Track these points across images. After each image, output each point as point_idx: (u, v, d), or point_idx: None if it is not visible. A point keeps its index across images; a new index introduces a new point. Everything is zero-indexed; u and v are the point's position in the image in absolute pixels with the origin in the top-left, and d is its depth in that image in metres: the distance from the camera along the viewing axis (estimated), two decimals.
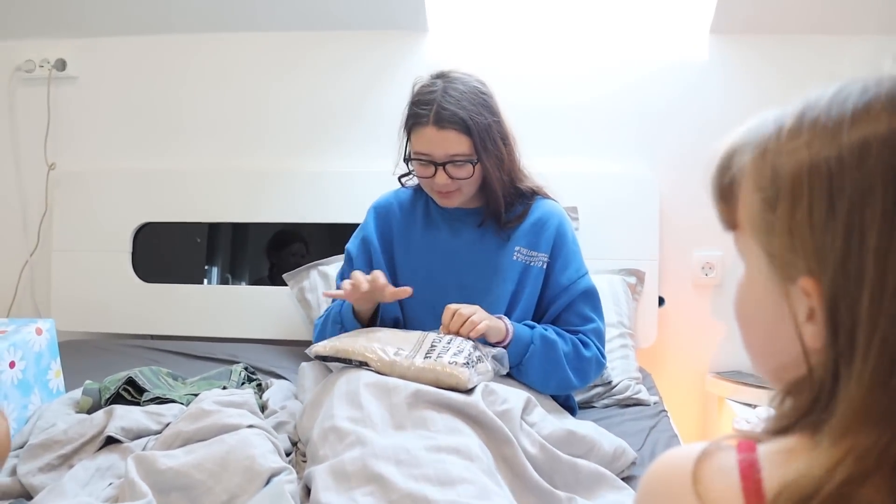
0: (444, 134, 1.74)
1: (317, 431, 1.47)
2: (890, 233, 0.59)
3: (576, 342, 1.79)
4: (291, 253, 2.84)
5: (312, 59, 2.75)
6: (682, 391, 2.59)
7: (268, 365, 2.29)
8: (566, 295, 1.84)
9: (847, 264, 0.60)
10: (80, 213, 2.79)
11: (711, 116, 2.55)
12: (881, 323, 0.59)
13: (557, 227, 1.89)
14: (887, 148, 0.59)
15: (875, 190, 0.59)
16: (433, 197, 1.87)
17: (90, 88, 2.86)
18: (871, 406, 0.58)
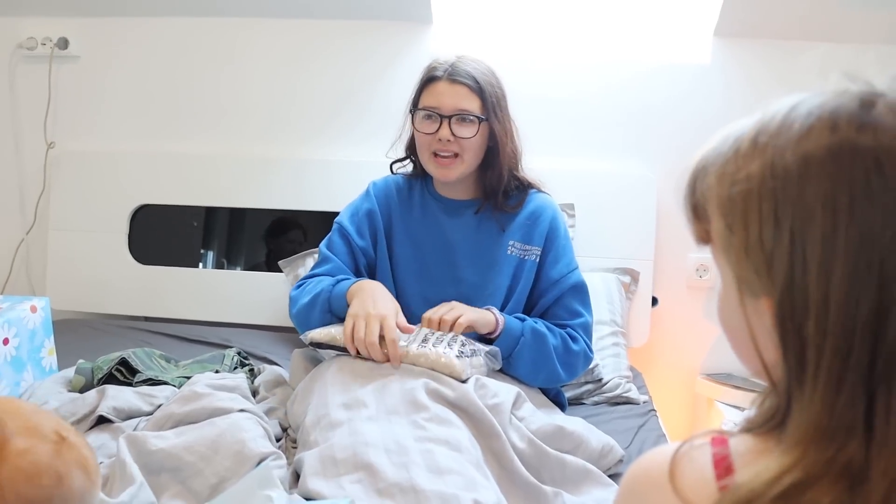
0: (456, 88, 1.76)
1: (308, 417, 1.48)
2: (831, 258, 0.60)
3: (564, 336, 1.79)
4: (289, 240, 2.84)
5: (316, 48, 2.76)
6: (671, 391, 2.61)
7: (260, 350, 2.30)
8: (556, 289, 1.84)
9: (792, 287, 0.62)
10: (77, 192, 2.80)
11: (711, 119, 2.56)
12: (826, 347, 0.60)
13: (551, 220, 1.88)
14: (824, 170, 0.61)
15: (815, 213, 0.60)
16: (430, 167, 1.84)
17: (92, 68, 2.86)
18: (819, 423, 0.61)
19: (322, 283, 1.80)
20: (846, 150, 0.60)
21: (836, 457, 0.59)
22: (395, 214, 1.92)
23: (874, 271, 0.59)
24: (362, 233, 1.90)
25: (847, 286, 0.59)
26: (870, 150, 0.60)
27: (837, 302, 0.60)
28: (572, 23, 2.66)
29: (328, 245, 1.92)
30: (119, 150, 2.82)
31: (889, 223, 0.59)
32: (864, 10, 2.41)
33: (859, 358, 0.60)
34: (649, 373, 2.47)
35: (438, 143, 1.78)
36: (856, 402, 0.60)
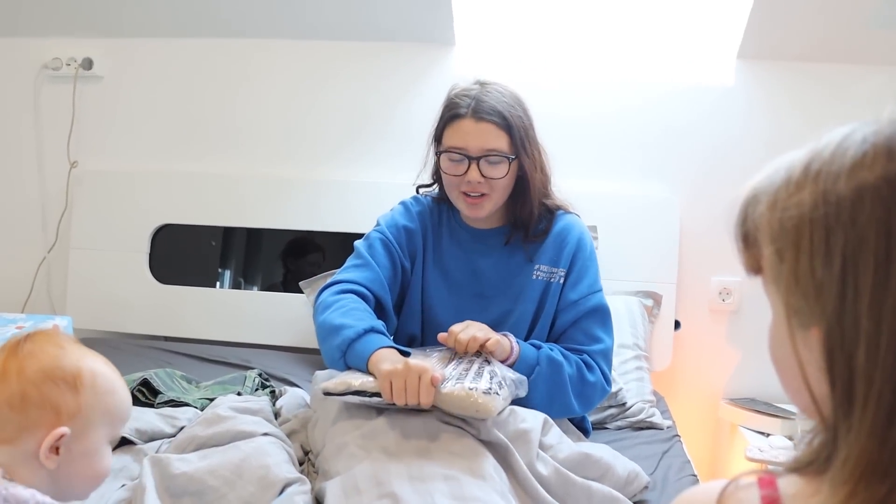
0: (482, 126, 1.68)
1: (328, 447, 1.47)
2: (884, 286, 0.58)
3: (580, 365, 1.71)
4: (309, 262, 2.84)
5: (339, 69, 2.77)
6: (695, 416, 2.58)
7: (281, 372, 2.29)
8: (573, 310, 1.76)
9: (843, 317, 0.60)
10: (99, 211, 2.81)
11: (734, 141, 2.55)
12: (877, 377, 0.59)
13: (577, 241, 1.83)
14: (879, 198, 0.59)
15: (868, 242, 0.59)
16: (459, 204, 1.79)
17: (115, 88, 2.89)
18: (868, 459, 0.59)
19: (354, 315, 1.65)
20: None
21: (889, 496, 0.57)
22: (429, 239, 1.87)
23: None
24: (403, 248, 1.84)
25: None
26: None
27: (890, 331, 0.58)
28: (595, 44, 2.66)
29: (369, 250, 1.83)
30: (140, 170, 2.84)
31: None
32: (888, 32, 2.39)
33: None
34: (672, 397, 2.44)
35: (468, 185, 1.72)
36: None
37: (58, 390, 1.05)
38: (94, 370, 1.09)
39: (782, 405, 2.34)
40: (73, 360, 1.08)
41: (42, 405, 1.04)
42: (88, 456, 1.08)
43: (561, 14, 2.65)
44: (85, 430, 1.07)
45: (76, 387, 1.06)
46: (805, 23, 2.42)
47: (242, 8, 2.69)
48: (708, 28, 2.59)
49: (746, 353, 2.58)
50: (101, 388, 1.09)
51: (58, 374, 1.06)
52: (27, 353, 1.06)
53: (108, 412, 1.10)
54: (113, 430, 1.12)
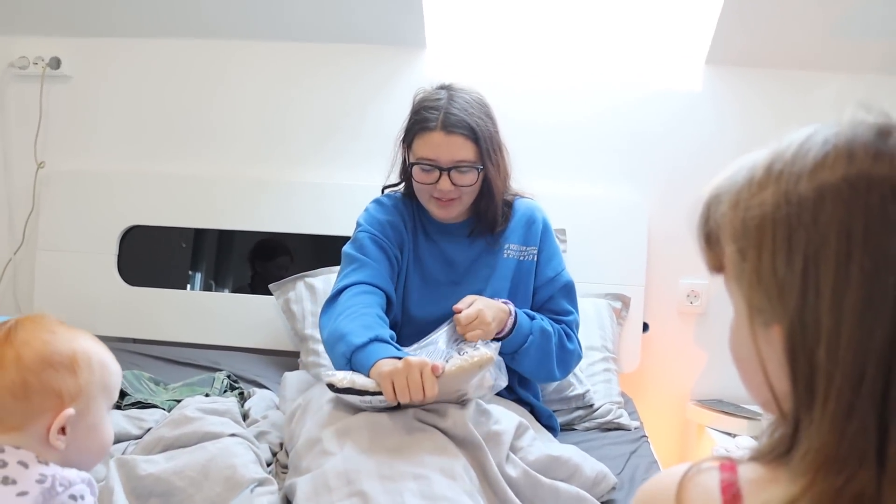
0: (452, 139, 1.74)
1: (301, 442, 1.47)
2: (844, 284, 0.60)
3: (561, 334, 1.83)
4: (277, 265, 2.83)
5: (310, 71, 2.76)
6: (662, 417, 2.60)
7: (250, 374, 2.29)
8: (550, 286, 1.89)
9: (804, 315, 0.62)
10: (67, 213, 2.78)
11: (702, 146, 2.58)
12: (837, 374, 0.60)
13: (543, 221, 1.94)
14: (840, 199, 0.61)
15: (829, 241, 0.61)
16: (430, 208, 1.86)
17: (84, 88, 2.86)
18: (827, 452, 0.61)
19: (362, 322, 1.65)
20: (862, 178, 0.61)
21: (845, 487, 0.59)
22: (406, 230, 1.92)
23: (889, 300, 0.59)
24: (392, 241, 1.88)
25: (860, 313, 0.60)
26: (886, 179, 0.60)
27: (850, 328, 0.60)
28: (565, 48, 2.68)
29: (359, 249, 1.85)
30: (109, 171, 2.81)
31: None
32: (856, 40, 2.44)
33: (872, 387, 0.59)
34: (640, 398, 2.46)
35: (439, 192, 1.79)
36: (867, 432, 0.60)
37: (57, 375, 1.10)
38: (87, 350, 1.15)
39: (749, 406, 2.36)
40: (66, 343, 1.13)
41: (44, 391, 1.09)
42: (94, 430, 1.14)
43: (532, 19, 2.67)
44: (87, 407, 1.13)
45: (74, 369, 1.11)
46: (771, 30, 2.46)
47: (214, 9, 2.68)
48: (677, 34, 2.62)
49: (714, 354, 2.61)
50: (96, 365, 1.15)
51: (55, 360, 1.10)
52: (21, 341, 1.10)
53: (106, 386, 1.17)
54: (110, 400, 1.19)
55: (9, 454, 1.04)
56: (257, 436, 1.70)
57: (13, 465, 1.04)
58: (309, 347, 2.31)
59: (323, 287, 2.41)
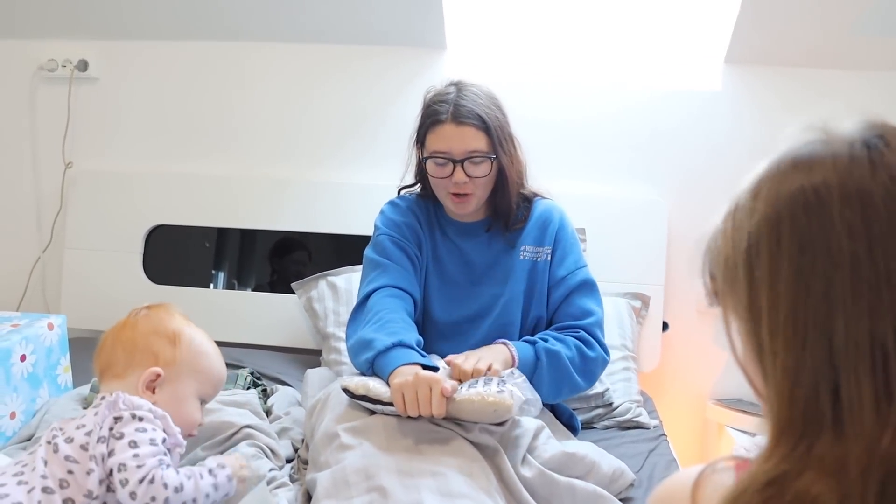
0: (463, 130, 1.75)
1: (319, 436, 1.49)
2: (777, 267, 0.67)
3: (579, 345, 1.77)
4: (293, 260, 2.85)
5: (330, 72, 2.78)
6: (682, 416, 2.60)
7: (273, 371, 2.30)
8: (563, 286, 1.85)
9: (750, 301, 0.69)
10: (94, 212, 2.82)
11: (722, 144, 2.58)
12: (779, 348, 0.67)
13: (560, 220, 1.92)
14: (771, 204, 0.69)
15: (762, 235, 0.68)
16: (447, 203, 1.86)
17: (111, 90, 2.90)
18: (780, 417, 0.66)
19: (387, 330, 1.65)
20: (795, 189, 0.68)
21: (810, 451, 0.63)
22: (425, 231, 1.93)
23: (818, 275, 0.65)
24: (409, 241, 1.89)
25: (793, 290, 0.66)
26: (805, 187, 0.67)
27: (785, 310, 0.66)
28: (584, 48, 2.69)
29: (383, 253, 1.86)
30: (135, 171, 2.85)
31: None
32: (876, 38, 2.42)
33: (813, 352, 0.64)
34: (660, 397, 2.46)
35: (455, 186, 1.79)
36: (819, 397, 0.63)
37: (160, 341, 1.37)
38: (192, 335, 1.42)
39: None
40: (177, 324, 1.42)
41: (146, 350, 1.36)
42: (178, 401, 1.35)
43: (551, 18, 2.68)
44: (176, 378, 1.36)
45: (175, 342, 1.38)
46: (791, 29, 2.45)
47: (237, 11, 2.71)
48: (696, 33, 2.62)
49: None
50: (195, 348, 1.40)
51: (161, 330, 1.39)
52: (144, 315, 1.42)
53: (199, 369, 1.39)
54: (202, 388, 1.40)
55: (107, 398, 1.28)
56: (279, 432, 1.72)
57: (105, 403, 1.27)
58: (331, 345, 2.33)
59: (345, 286, 2.42)
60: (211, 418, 1.53)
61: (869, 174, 0.65)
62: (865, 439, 0.61)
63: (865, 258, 0.63)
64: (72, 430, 1.24)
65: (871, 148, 0.66)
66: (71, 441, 1.22)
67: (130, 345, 1.36)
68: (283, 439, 1.68)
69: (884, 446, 0.60)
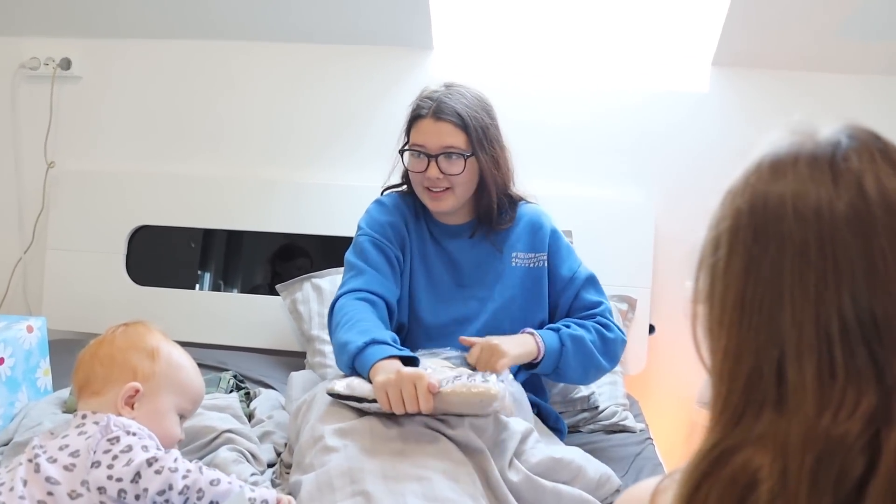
0: (440, 126, 1.75)
1: (304, 437, 1.47)
2: (731, 253, 0.70)
3: (598, 328, 1.82)
4: (297, 266, 2.83)
5: (318, 72, 2.76)
6: (668, 420, 2.59)
7: (257, 374, 2.28)
8: (571, 286, 1.88)
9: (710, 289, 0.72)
10: (76, 212, 2.79)
11: (709, 147, 2.57)
12: (723, 330, 0.70)
13: (550, 226, 1.93)
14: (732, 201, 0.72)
15: (723, 227, 0.71)
16: (424, 199, 1.85)
17: (94, 89, 2.87)
18: (719, 393, 0.70)
19: (360, 328, 1.65)
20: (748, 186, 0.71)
21: (752, 426, 0.66)
22: (410, 230, 1.92)
23: (765, 263, 0.67)
24: (393, 242, 1.87)
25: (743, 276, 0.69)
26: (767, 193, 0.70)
27: (722, 296, 0.70)
28: (572, 50, 2.68)
29: (359, 254, 1.84)
30: (118, 171, 2.82)
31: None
32: (863, 42, 2.42)
33: (758, 333, 0.67)
34: (646, 401, 2.45)
35: (429, 181, 1.79)
36: (762, 375, 0.66)
37: (138, 356, 1.37)
38: (170, 350, 1.43)
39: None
40: (155, 339, 1.42)
41: (123, 365, 1.36)
42: (158, 415, 1.35)
43: (538, 20, 2.67)
44: (156, 393, 1.36)
45: (153, 357, 1.38)
46: (778, 31, 2.45)
47: (224, 10, 2.68)
48: (683, 34, 2.61)
49: None
50: (173, 363, 1.41)
51: (140, 346, 1.39)
52: (123, 330, 1.43)
53: (177, 384, 1.40)
54: (181, 403, 1.40)
55: (88, 417, 1.29)
56: (262, 436, 1.70)
57: (89, 423, 1.27)
58: (315, 348, 2.31)
59: (329, 288, 2.40)
60: (191, 423, 1.51)
61: (830, 180, 0.67)
62: (807, 417, 0.63)
63: (815, 246, 0.65)
64: (54, 449, 1.22)
65: (840, 153, 0.68)
66: (54, 461, 1.20)
67: (108, 360, 1.36)
68: (265, 443, 1.66)
69: (823, 424, 0.62)
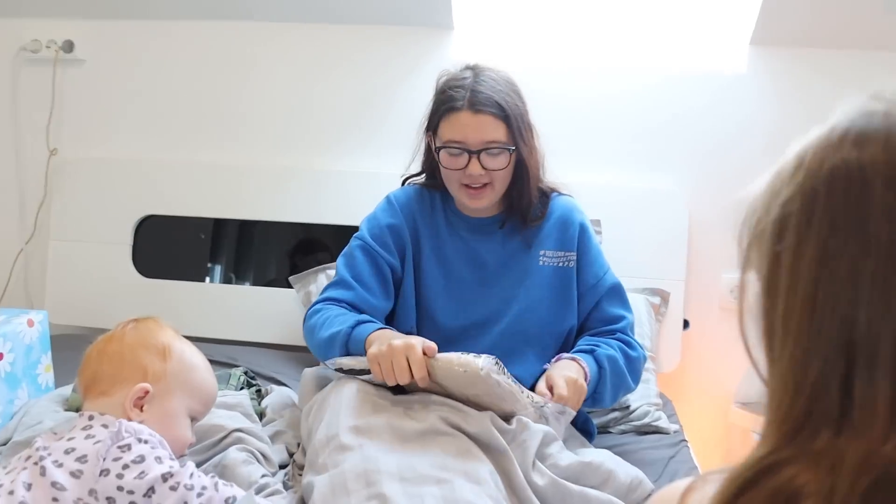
0: (480, 119, 1.71)
1: (318, 436, 1.46)
2: (803, 246, 0.64)
3: (622, 347, 1.80)
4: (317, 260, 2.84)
5: (334, 54, 2.75)
6: (704, 421, 2.57)
7: (268, 370, 2.29)
8: (593, 293, 1.86)
9: (770, 278, 0.67)
10: (80, 202, 2.80)
11: (746, 131, 2.55)
12: (791, 328, 0.65)
13: (580, 224, 1.89)
14: (797, 177, 0.66)
15: (793, 212, 0.65)
16: (459, 196, 1.82)
17: (98, 72, 2.87)
18: (783, 410, 0.64)
19: (341, 319, 1.72)
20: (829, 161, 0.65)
21: (808, 444, 0.61)
22: (421, 230, 1.89)
23: (844, 260, 0.62)
24: (389, 248, 1.86)
25: (816, 272, 0.63)
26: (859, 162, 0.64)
27: (805, 285, 0.63)
28: (598, 27, 2.65)
29: (349, 264, 1.86)
30: (124, 158, 2.83)
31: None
32: None
33: (828, 342, 0.62)
34: (680, 400, 2.43)
35: (469, 178, 1.76)
36: (828, 390, 0.62)
37: (149, 355, 1.36)
38: (183, 349, 1.41)
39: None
40: (167, 337, 1.41)
41: (133, 364, 1.35)
42: (168, 418, 1.34)
43: None
44: (167, 394, 1.35)
45: (164, 356, 1.37)
46: (821, 8, 2.41)
47: None
48: (719, 12, 2.58)
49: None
50: (186, 363, 1.40)
51: (151, 343, 1.38)
52: (133, 327, 1.42)
53: (189, 385, 1.39)
54: (193, 405, 1.40)
55: (96, 419, 1.27)
56: (273, 435, 1.70)
57: (97, 426, 1.26)
58: None
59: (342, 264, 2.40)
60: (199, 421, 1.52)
61: None
62: (870, 440, 0.59)
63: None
64: (59, 452, 1.21)
65: None
66: (60, 466, 1.19)
67: (118, 358, 1.36)
68: (276, 443, 1.66)
69: (887, 451, 0.58)
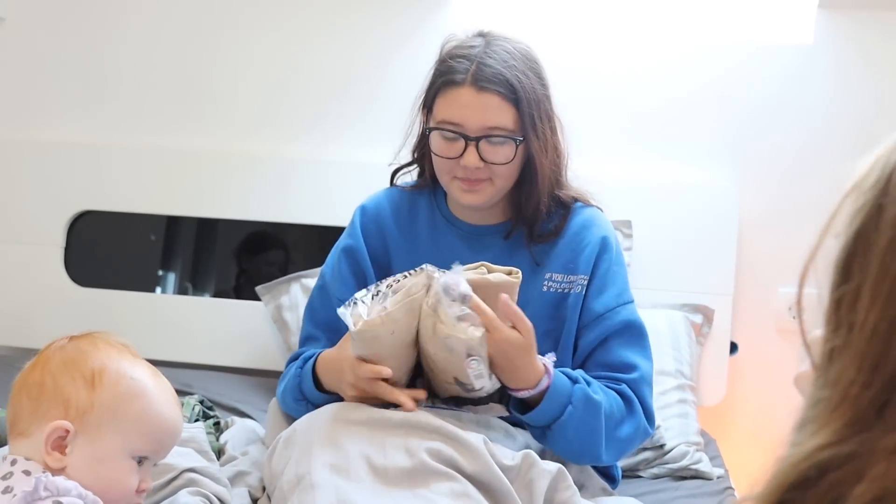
0: (484, 98, 1.67)
1: (286, 477, 1.47)
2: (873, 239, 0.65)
3: (618, 403, 1.68)
4: (267, 262, 2.84)
5: (317, 18, 2.77)
6: (754, 464, 2.54)
7: (230, 399, 2.30)
8: (599, 326, 1.75)
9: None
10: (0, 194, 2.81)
11: (814, 114, 2.55)
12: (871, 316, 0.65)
13: (601, 240, 1.81)
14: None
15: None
16: (451, 190, 1.78)
17: (21, 35, 2.88)
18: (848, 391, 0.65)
19: (291, 372, 1.84)
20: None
21: (882, 439, 0.62)
22: (392, 245, 1.87)
23: None
24: (347, 283, 1.84)
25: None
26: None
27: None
28: None
29: (310, 314, 1.95)
30: (55, 142, 2.83)
31: None
32: None
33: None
34: (725, 439, 2.43)
35: (463, 170, 1.72)
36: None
37: (73, 384, 1.23)
38: (122, 372, 1.27)
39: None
40: (102, 358, 1.27)
41: (54, 396, 1.23)
42: (99, 462, 1.22)
43: None
44: (94, 434, 1.22)
45: (93, 383, 1.24)
46: None
47: None
48: None
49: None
50: (124, 391, 1.25)
51: (77, 368, 1.25)
52: (61, 346, 1.29)
53: (128, 419, 1.25)
54: (135, 443, 1.26)
55: (18, 464, 1.19)
56: (234, 477, 1.70)
57: (18, 473, 1.18)
58: None
59: None
60: None
61: None
62: None
63: None
64: None
65: None
66: None
67: (37, 390, 1.24)
68: (237, 486, 1.66)
69: None
